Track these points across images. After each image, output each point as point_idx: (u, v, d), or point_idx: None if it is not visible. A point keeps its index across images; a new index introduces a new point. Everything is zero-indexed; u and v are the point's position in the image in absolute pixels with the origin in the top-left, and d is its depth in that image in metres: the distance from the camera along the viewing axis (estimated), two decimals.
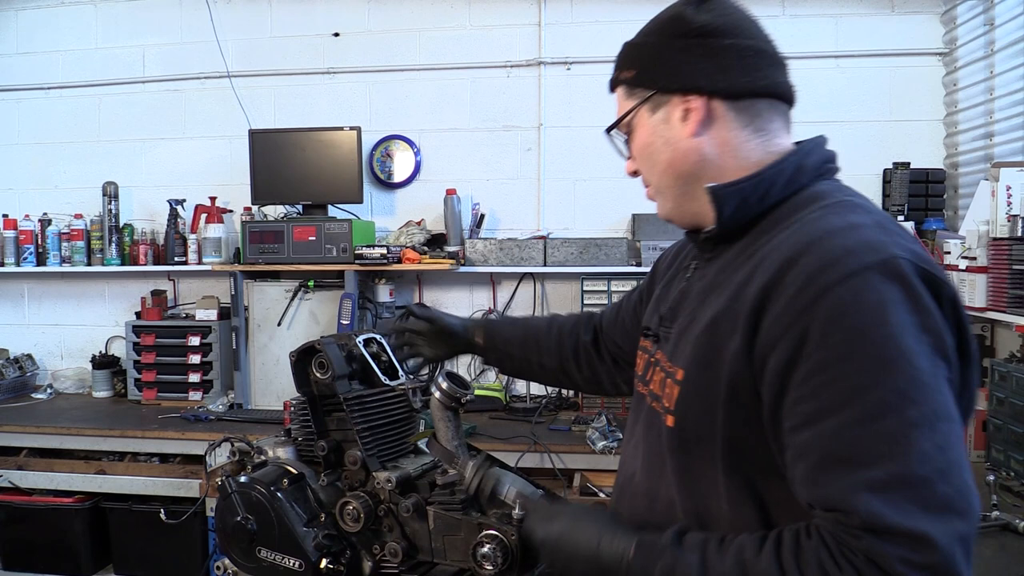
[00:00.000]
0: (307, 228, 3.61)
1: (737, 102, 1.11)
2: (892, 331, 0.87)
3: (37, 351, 4.30)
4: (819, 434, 0.89)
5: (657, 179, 1.18)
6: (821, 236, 0.95)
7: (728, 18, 1.11)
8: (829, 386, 0.89)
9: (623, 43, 1.23)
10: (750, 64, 1.11)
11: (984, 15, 3.32)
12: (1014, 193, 2.64)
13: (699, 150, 1.11)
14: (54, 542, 3.45)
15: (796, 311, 0.91)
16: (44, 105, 4.27)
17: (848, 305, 0.88)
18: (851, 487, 0.86)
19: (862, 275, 0.89)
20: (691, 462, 1.07)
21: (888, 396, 0.86)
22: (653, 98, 1.14)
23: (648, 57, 1.15)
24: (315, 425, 1.64)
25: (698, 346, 1.05)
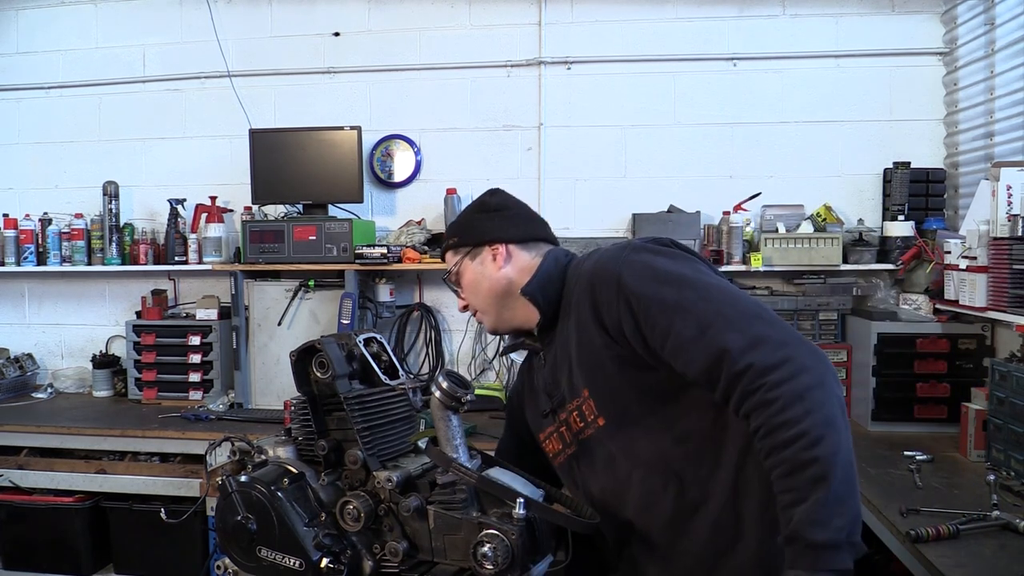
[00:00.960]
0: (307, 228, 3.61)
1: (523, 244, 1.71)
2: (662, 267, 1.45)
3: (37, 351, 4.30)
4: (677, 336, 1.38)
5: (483, 303, 1.72)
6: (593, 267, 1.54)
7: (508, 200, 1.77)
8: (661, 314, 1.40)
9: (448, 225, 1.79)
10: (524, 223, 1.74)
11: (984, 15, 3.32)
12: (1014, 193, 2.64)
13: (506, 276, 1.68)
14: (54, 541, 3.45)
15: (615, 298, 1.46)
16: (44, 105, 4.27)
17: (633, 275, 1.45)
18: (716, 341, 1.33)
19: (627, 259, 1.48)
20: (627, 433, 1.52)
21: (688, 292, 1.40)
22: (472, 251, 1.71)
23: (466, 227, 1.75)
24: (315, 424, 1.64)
25: (582, 367, 1.55)
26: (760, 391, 1.27)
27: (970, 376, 3.05)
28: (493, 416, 3.47)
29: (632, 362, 1.48)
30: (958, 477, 2.51)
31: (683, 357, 1.38)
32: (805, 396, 1.25)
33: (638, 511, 1.52)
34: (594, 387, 1.53)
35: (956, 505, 2.17)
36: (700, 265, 1.48)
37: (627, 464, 1.52)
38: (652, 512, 1.50)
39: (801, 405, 1.24)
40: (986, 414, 2.66)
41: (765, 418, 1.27)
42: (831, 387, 1.27)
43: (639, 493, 1.51)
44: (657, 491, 1.49)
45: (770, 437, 1.26)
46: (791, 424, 1.24)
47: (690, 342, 1.36)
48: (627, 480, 1.53)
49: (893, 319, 3.26)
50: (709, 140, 3.79)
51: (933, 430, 3.03)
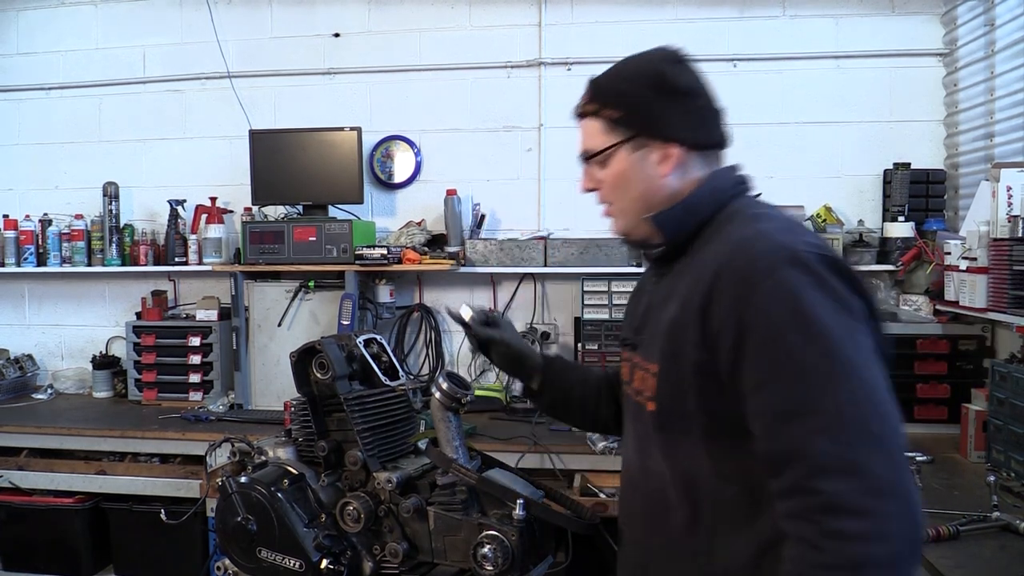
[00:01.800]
0: (307, 228, 3.60)
1: (702, 152, 1.35)
2: (808, 308, 1.10)
3: (37, 351, 4.30)
4: (766, 397, 1.12)
5: (621, 203, 1.40)
6: (740, 243, 1.20)
7: (699, 81, 1.39)
8: (767, 359, 1.12)
9: (594, 80, 1.44)
10: (713, 123, 1.38)
11: (984, 16, 3.32)
12: (1014, 194, 2.64)
13: (669, 187, 1.34)
14: (54, 542, 3.45)
15: (734, 305, 1.15)
16: (45, 105, 4.27)
17: (773, 295, 1.12)
18: (801, 435, 1.07)
19: (778, 269, 1.13)
20: (672, 436, 1.29)
21: (816, 359, 1.08)
22: (636, 139, 1.34)
23: (635, 104, 1.35)
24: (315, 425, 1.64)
25: (664, 343, 1.28)
26: (816, 528, 1.03)
27: (970, 377, 3.05)
28: (493, 417, 3.47)
29: (713, 377, 1.21)
30: (958, 478, 2.51)
31: (760, 423, 1.13)
32: (861, 571, 1.01)
33: (648, 508, 1.38)
34: (663, 371, 1.29)
35: (956, 506, 2.17)
36: (860, 330, 1.13)
37: (658, 458, 1.33)
38: (657, 520, 1.34)
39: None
40: (986, 415, 2.66)
41: (802, 561, 1.05)
42: (902, 570, 1.03)
43: (655, 493, 1.34)
44: (671, 506, 1.31)
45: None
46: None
47: (777, 416, 1.10)
48: (650, 472, 1.35)
49: (893, 320, 3.26)
50: None
51: (933, 431, 3.03)
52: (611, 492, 2.91)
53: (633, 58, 1.41)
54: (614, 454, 2.93)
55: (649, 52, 1.41)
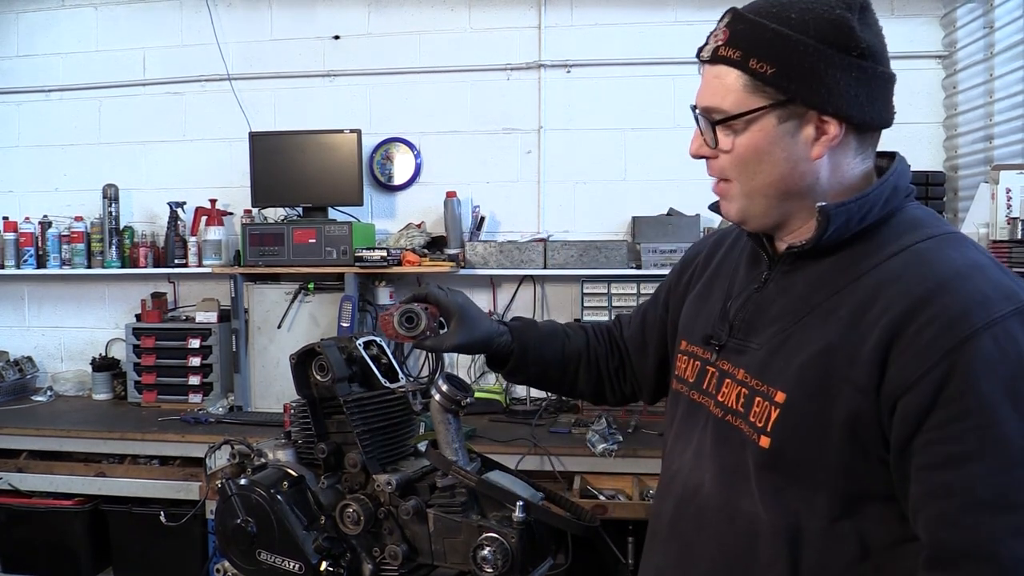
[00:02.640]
0: (307, 231, 3.61)
1: (865, 133, 1.10)
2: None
3: (37, 353, 4.29)
4: (962, 477, 0.90)
5: (756, 185, 1.09)
6: (953, 276, 0.95)
7: (881, 39, 1.09)
8: (972, 433, 0.89)
9: (739, 13, 1.12)
10: (888, 96, 1.12)
11: (984, 18, 3.32)
12: (1014, 196, 2.65)
13: (816, 172, 1.07)
14: (54, 545, 3.45)
15: (937, 354, 0.91)
16: (44, 107, 4.27)
17: (991, 355, 0.89)
18: (996, 532, 0.87)
19: (1004, 323, 0.90)
20: (786, 482, 1.05)
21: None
22: (789, 106, 1.03)
23: (800, 60, 1.01)
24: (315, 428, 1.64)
25: (808, 372, 1.02)
26: None
27: None
28: (493, 419, 3.47)
29: (870, 433, 0.97)
30: None
31: (939, 505, 0.92)
32: None
33: (725, 553, 1.12)
34: (794, 406, 1.03)
35: None
36: None
37: (756, 501, 1.08)
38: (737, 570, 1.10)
39: None
40: None
41: None
42: None
43: (744, 540, 1.09)
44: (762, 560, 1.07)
45: None
46: None
47: (968, 503, 0.90)
48: (742, 513, 1.10)
49: None
50: None
51: None
52: (610, 494, 2.91)
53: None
54: (613, 456, 2.93)
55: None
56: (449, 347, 1.44)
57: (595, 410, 3.40)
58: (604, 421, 3.13)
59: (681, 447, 1.23)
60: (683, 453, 1.22)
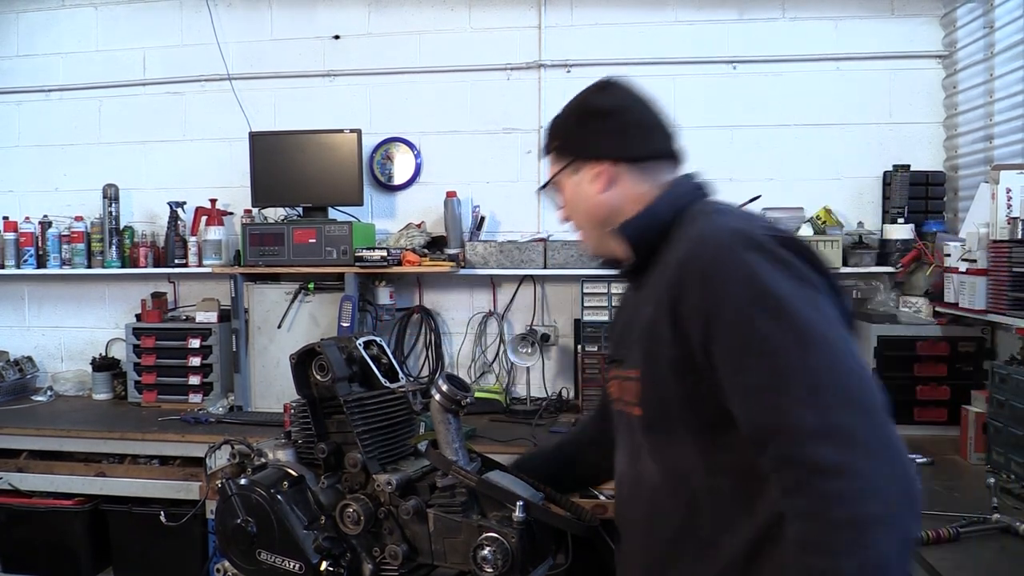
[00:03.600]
0: (307, 230, 3.61)
1: (636, 164, 1.41)
2: (770, 286, 1.14)
3: (37, 353, 4.29)
4: (745, 378, 1.14)
5: (580, 223, 1.50)
6: (699, 237, 1.26)
7: (624, 100, 1.45)
8: (740, 341, 1.15)
9: (553, 118, 1.52)
10: (646, 136, 1.43)
11: (984, 18, 3.32)
12: (1014, 195, 2.64)
13: (608, 203, 1.42)
14: (54, 544, 3.45)
15: (699, 296, 1.20)
16: (45, 107, 4.27)
17: (732, 281, 1.16)
18: (782, 407, 1.09)
19: (734, 256, 1.18)
20: (659, 437, 1.32)
21: (780, 334, 1.11)
22: (572, 164, 1.45)
23: (566, 133, 1.47)
24: (315, 427, 1.64)
25: (642, 347, 1.31)
26: (809, 497, 1.04)
27: (970, 379, 3.05)
28: (493, 419, 3.47)
29: (692, 371, 1.23)
30: (958, 480, 2.51)
31: (742, 402, 1.16)
32: (861, 528, 1.00)
33: (644, 513, 1.38)
34: (645, 375, 1.31)
35: (956, 508, 2.16)
36: (822, 299, 1.17)
37: (649, 464, 1.35)
38: (656, 525, 1.35)
39: (851, 536, 1.01)
40: (986, 417, 2.65)
41: (803, 531, 1.06)
42: (900, 525, 1.02)
43: (650, 497, 1.35)
44: (667, 508, 1.32)
45: (801, 556, 1.06)
46: (828, 553, 1.02)
47: (755, 393, 1.13)
48: (642, 479, 1.37)
49: (893, 322, 3.26)
50: (709, 143, 3.79)
51: (933, 433, 3.02)
52: (610, 494, 2.89)
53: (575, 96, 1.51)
54: None
55: (589, 86, 1.51)
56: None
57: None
58: None
59: (618, 447, 1.49)
60: (619, 451, 1.48)
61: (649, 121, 1.45)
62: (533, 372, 3.75)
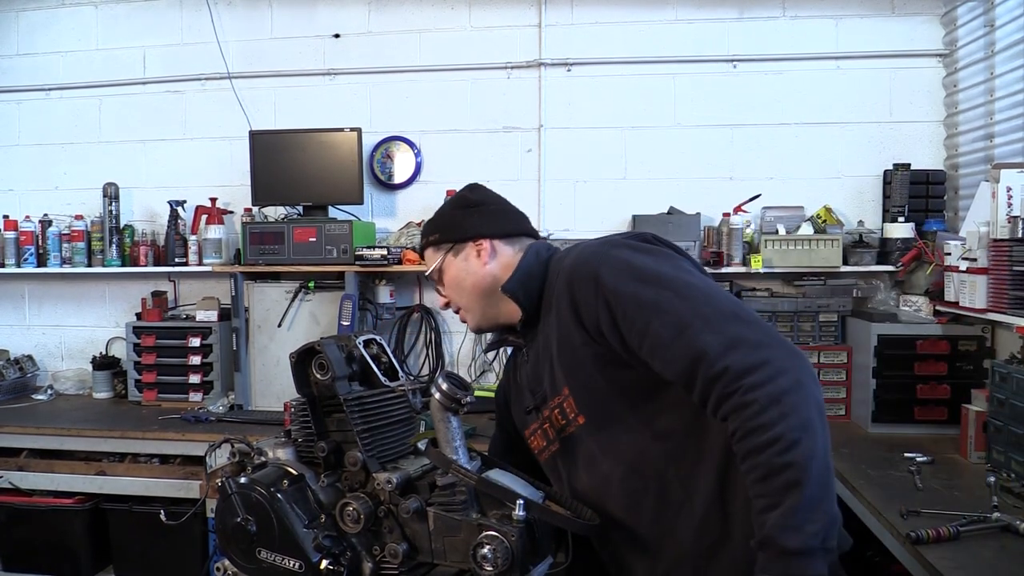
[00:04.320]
0: (307, 229, 3.61)
1: (506, 238, 1.70)
2: (639, 265, 1.43)
3: (37, 352, 4.30)
4: (655, 337, 1.36)
5: (466, 300, 1.71)
6: (573, 263, 1.52)
7: (489, 195, 1.78)
8: (637, 313, 1.38)
9: (424, 222, 1.76)
10: (510, 218, 1.75)
11: (984, 17, 3.32)
12: (1014, 194, 2.64)
13: (491, 273, 1.67)
14: (54, 543, 3.45)
15: (593, 296, 1.45)
16: (45, 106, 4.27)
17: (611, 272, 1.43)
18: (696, 343, 1.31)
19: (606, 255, 1.47)
20: (609, 434, 1.52)
21: (666, 291, 1.38)
22: (455, 247, 1.70)
23: (447, 223, 1.74)
24: (315, 426, 1.64)
25: (563, 366, 1.54)
26: (736, 394, 1.26)
27: (970, 378, 3.04)
28: (493, 418, 3.44)
29: (611, 360, 1.47)
30: (958, 479, 2.51)
31: (660, 357, 1.37)
32: (781, 399, 1.23)
33: (622, 509, 1.51)
34: (574, 385, 1.53)
35: (956, 507, 2.16)
36: (681, 262, 1.48)
37: (608, 463, 1.51)
38: (635, 511, 1.49)
39: (777, 408, 1.23)
40: (986, 416, 2.65)
41: (741, 422, 1.26)
42: (809, 389, 1.26)
43: (621, 492, 1.50)
44: (639, 490, 1.48)
45: (745, 441, 1.25)
46: (766, 428, 1.23)
47: (667, 343, 1.34)
48: (609, 478, 1.51)
49: (893, 321, 3.26)
50: (709, 142, 3.79)
51: (933, 432, 3.02)
52: None
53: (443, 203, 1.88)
54: None
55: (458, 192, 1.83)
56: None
57: None
58: None
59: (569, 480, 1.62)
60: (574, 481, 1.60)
61: (511, 208, 1.77)
62: None
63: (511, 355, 1.85)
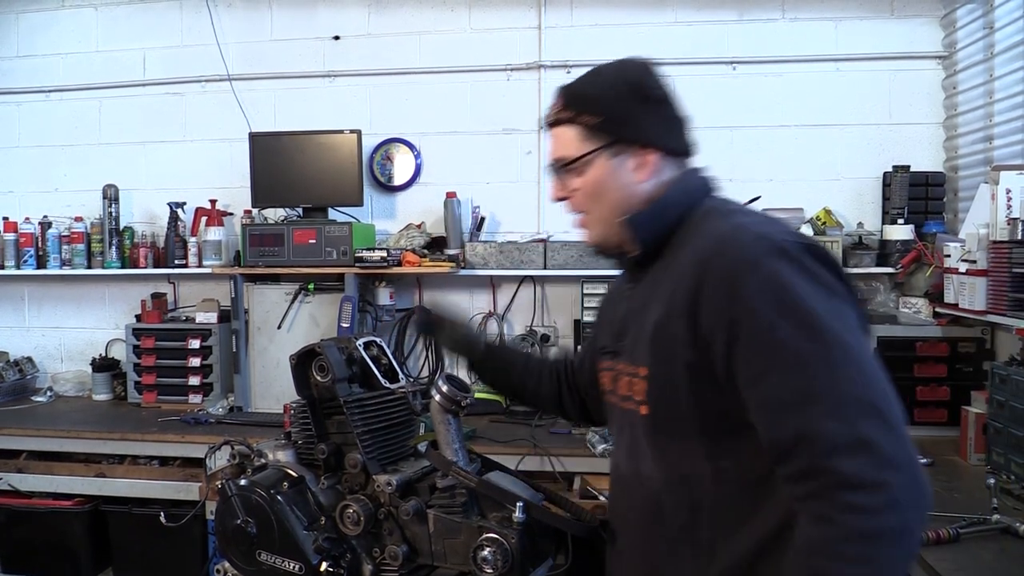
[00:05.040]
0: (307, 231, 3.61)
1: (675, 158, 1.39)
2: (797, 296, 1.13)
3: (37, 354, 4.29)
4: (768, 388, 1.13)
5: (599, 212, 1.40)
6: (721, 239, 1.22)
7: (670, 90, 1.39)
8: (763, 351, 1.13)
9: (567, 87, 1.41)
10: (683, 130, 1.41)
11: (984, 18, 3.32)
12: (1014, 196, 2.64)
13: (643, 193, 1.36)
14: (54, 545, 3.45)
15: (723, 301, 1.17)
16: (45, 108, 4.27)
17: (760, 287, 1.14)
18: (811, 420, 1.08)
19: (763, 261, 1.15)
20: (665, 438, 1.30)
21: (809, 346, 1.10)
22: (614, 146, 1.35)
23: (613, 110, 1.35)
24: (315, 428, 1.64)
25: (652, 346, 1.29)
26: (828, 503, 1.05)
27: (970, 379, 3.05)
28: (493, 420, 3.47)
29: (705, 376, 1.22)
30: (958, 480, 2.51)
31: (765, 414, 1.14)
32: (874, 542, 1.03)
33: (642, 514, 1.36)
34: (653, 374, 1.29)
35: (956, 509, 2.16)
36: (848, 309, 1.17)
37: (650, 464, 1.33)
38: (654, 525, 1.34)
39: (863, 548, 1.03)
40: (986, 417, 2.65)
41: (816, 533, 1.07)
42: (911, 540, 1.07)
43: (649, 499, 1.33)
44: (667, 511, 1.31)
45: (806, 555, 1.08)
46: (836, 559, 1.04)
47: (781, 405, 1.11)
48: (643, 478, 1.35)
49: (893, 322, 3.26)
50: (708, 143, 3.73)
51: (933, 433, 3.02)
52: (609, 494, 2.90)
53: (608, 66, 1.40)
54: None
55: (623, 61, 1.40)
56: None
57: None
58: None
59: (615, 444, 1.48)
60: (616, 448, 1.47)
61: (685, 115, 1.42)
62: None
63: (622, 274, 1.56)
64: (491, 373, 1.82)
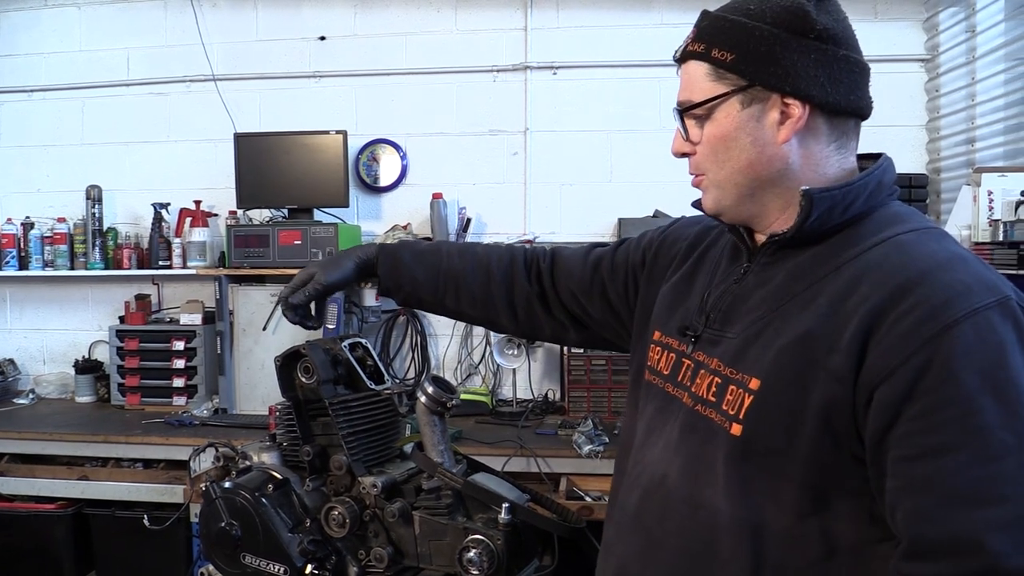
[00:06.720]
0: (292, 232, 3.59)
1: (834, 117, 1.06)
2: (1012, 373, 0.88)
3: (19, 356, 4.25)
4: (941, 470, 0.88)
5: (726, 174, 1.09)
6: (935, 267, 0.94)
7: (844, 25, 1.06)
8: (951, 423, 0.88)
9: (708, 12, 1.14)
10: (855, 81, 1.07)
11: (966, 22, 3.36)
12: (996, 198, 2.67)
13: (785, 158, 1.05)
14: (36, 549, 3.41)
15: (916, 343, 0.90)
16: (27, 108, 4.23)
17: (972, 344, 0.88)
18: (979, 525, 0.86)
19: (984, 314, 0.89)
20: (754, 473, 1.03)
21: (1009, 438, 0.86)
22: (750, 90, 1.04)
23: (757, 45, 1.03)
24: (300, 430, 1.63)
25: (785, 359, 1.00)
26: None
27: None
28: (479, 421, 3.46)
29: (843, 420, 0.96)
30: None
31: (915, 497, 0.90)
32: None
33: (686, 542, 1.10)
34: (769, 393, 1.01)
35: None
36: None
37: (721, 494, 1.05)
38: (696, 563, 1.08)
39: None
40: None
41: None
42: None
43: (703, 531, 1.07)
44: (723, 554, 1.05)
45: None
46: None
47: (946, 495, 0.88)
48: (704, 506, 1.08)
49: None
50: None
51: None
52: (596, 496, 2.91)
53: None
54: (599, 457, 2.94)
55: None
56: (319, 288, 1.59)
57: (581, 412, 3.40)
58: (590, 422, 3.13)
59: (654, 439, 1.20)
60: (655, 445, 1.19)
61: (863, 62, 1.08)
62: (519, 374, 3.75)
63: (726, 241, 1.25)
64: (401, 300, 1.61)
